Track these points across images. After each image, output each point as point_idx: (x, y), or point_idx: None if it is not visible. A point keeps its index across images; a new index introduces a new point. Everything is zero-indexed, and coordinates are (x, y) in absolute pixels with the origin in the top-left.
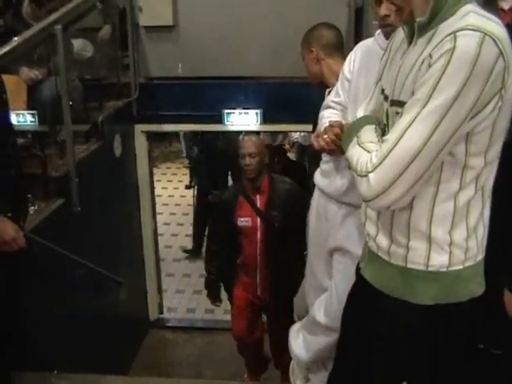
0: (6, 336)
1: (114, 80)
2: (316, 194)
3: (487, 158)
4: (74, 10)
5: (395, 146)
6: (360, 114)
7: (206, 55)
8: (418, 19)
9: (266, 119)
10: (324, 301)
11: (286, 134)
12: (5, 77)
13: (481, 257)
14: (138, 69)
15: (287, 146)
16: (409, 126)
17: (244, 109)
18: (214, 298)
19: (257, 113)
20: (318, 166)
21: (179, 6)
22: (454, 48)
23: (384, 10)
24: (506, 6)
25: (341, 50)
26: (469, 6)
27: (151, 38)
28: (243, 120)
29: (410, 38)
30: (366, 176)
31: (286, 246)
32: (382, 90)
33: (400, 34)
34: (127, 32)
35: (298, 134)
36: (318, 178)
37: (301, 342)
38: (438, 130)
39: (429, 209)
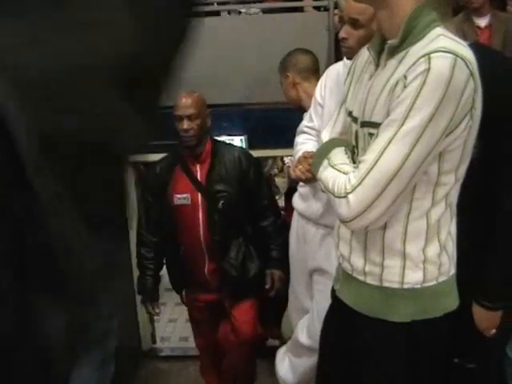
0: None
1: None
2: (295, 217)
3: (457, 174)
4: None
5: (373, 166)
6: (325, 136)
7: (190, 84)
8: (389, 41)
9: (251, 145)
10: (306, 322)
11: (274, 159)
12: None
13: (453, 271)
14: None
15: (275, 171)
16: (386, 147)
17: (228, 135)
18: (152, 300)
19: (241, 139)
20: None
21: None
22: (428, 69)
23: (342, 32)
24: (482, 23)
25: (316, 74)
26: (438, 30)
27: None
28: None
29: (378, 60)
30: (345, 197)
31: (238, 232)
32: (350, 112)
33: (363, 56)
34: None
35: (288, 157)
36: (296, 201)
37: (287, 365)
38: (415, 149)
39: (403, 227)
